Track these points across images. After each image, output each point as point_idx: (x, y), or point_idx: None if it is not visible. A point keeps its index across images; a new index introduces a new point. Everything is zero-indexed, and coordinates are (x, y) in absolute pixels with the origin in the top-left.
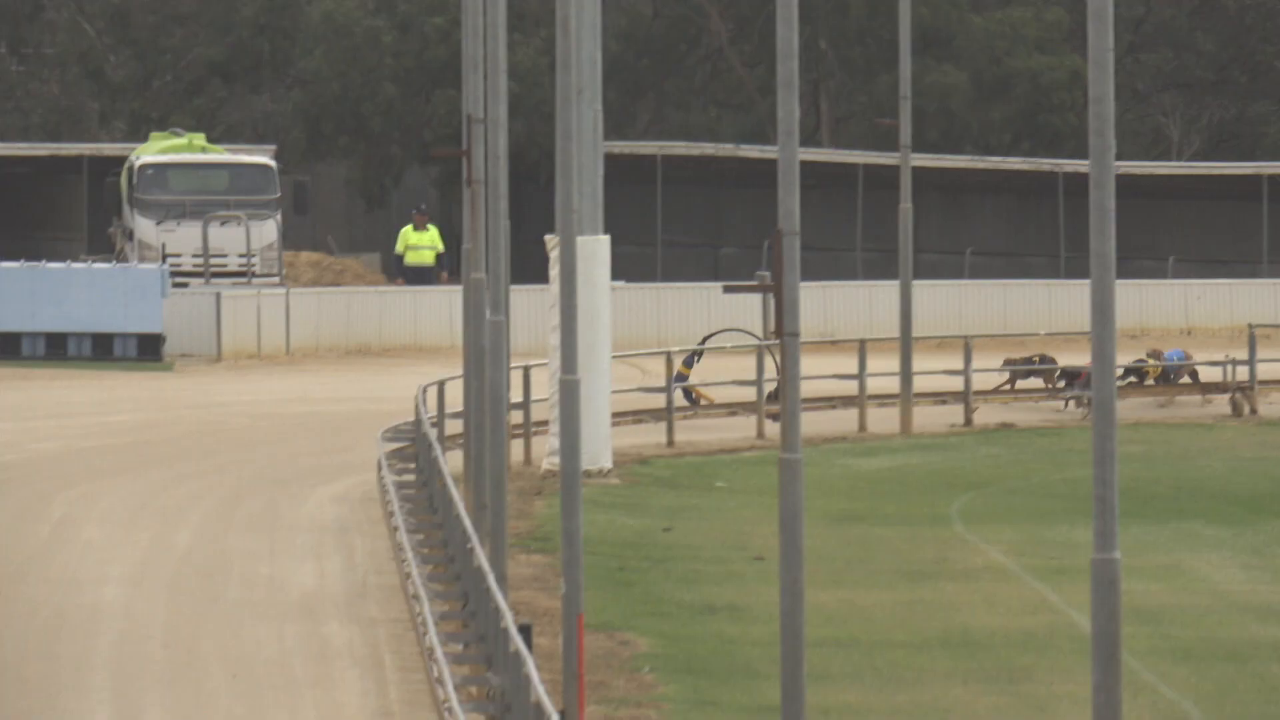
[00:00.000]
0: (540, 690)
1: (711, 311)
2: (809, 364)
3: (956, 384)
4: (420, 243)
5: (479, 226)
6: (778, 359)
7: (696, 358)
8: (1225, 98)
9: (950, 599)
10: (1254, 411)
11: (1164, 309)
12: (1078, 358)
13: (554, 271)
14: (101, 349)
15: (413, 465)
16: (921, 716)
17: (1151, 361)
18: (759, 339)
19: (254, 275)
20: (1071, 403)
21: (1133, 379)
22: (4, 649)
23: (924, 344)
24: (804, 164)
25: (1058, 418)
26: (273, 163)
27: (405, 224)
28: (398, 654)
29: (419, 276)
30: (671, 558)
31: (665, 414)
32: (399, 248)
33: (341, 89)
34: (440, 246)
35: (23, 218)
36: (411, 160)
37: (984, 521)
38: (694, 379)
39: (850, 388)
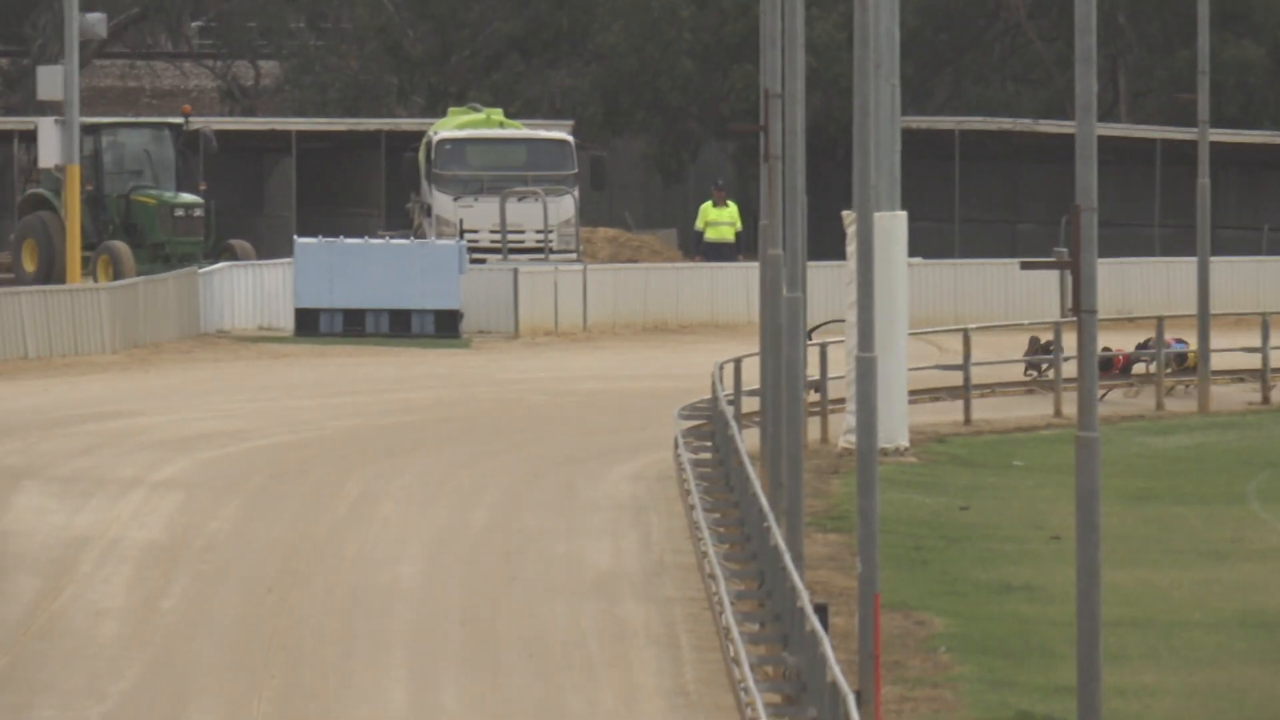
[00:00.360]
0: (836, 670)
1: (1009, 288)
2: (1107, 340)
3: (1254, 361)
4: (720, 219)
5: (776, 202)
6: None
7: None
8: None
9: (1248, 578)
10: None
11: None
12: None
13: (851, 248)
14: (399, 325)
15: (709, 443)
16: (1218, 697)
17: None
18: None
19: (551, 251)
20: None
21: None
22: (302, 628)
23: (1221, 320)
24: (1101, 139)
25: None
26: (570, 138)
27: (702, 200)
28: (694, 633)
29: (718, 253)
30: (968, 537)
31: (962, 392)
32: (699, 223)
33: (639, 64)
34: (739, 224)
35: (321, 193)
36: (709, 135)
37: None
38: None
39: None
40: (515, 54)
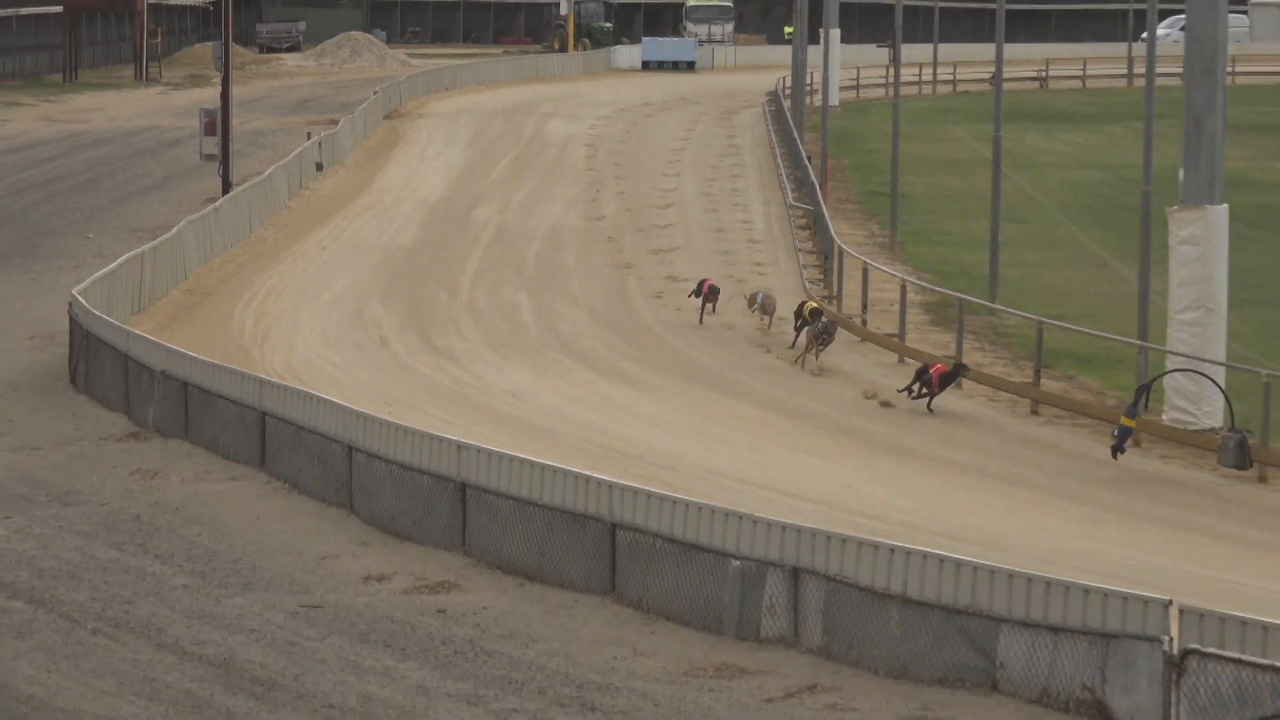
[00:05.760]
0: (805, 156)
1: None
2: None
3: None
4: None
5: None
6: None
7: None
8: None
9: None
10: None
11: None
12: None
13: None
14: (681, 66)
15: (774, 105)
16: None
17: None
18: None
19: (728, 39)
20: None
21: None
22: None
23: None
24: None
25: None
26: (731, 4)
27: None
28: (762, 160)
29: None
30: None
31: None
32: None
33: None
34: None
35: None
36: None
37: None
38: None
39: None
40: None
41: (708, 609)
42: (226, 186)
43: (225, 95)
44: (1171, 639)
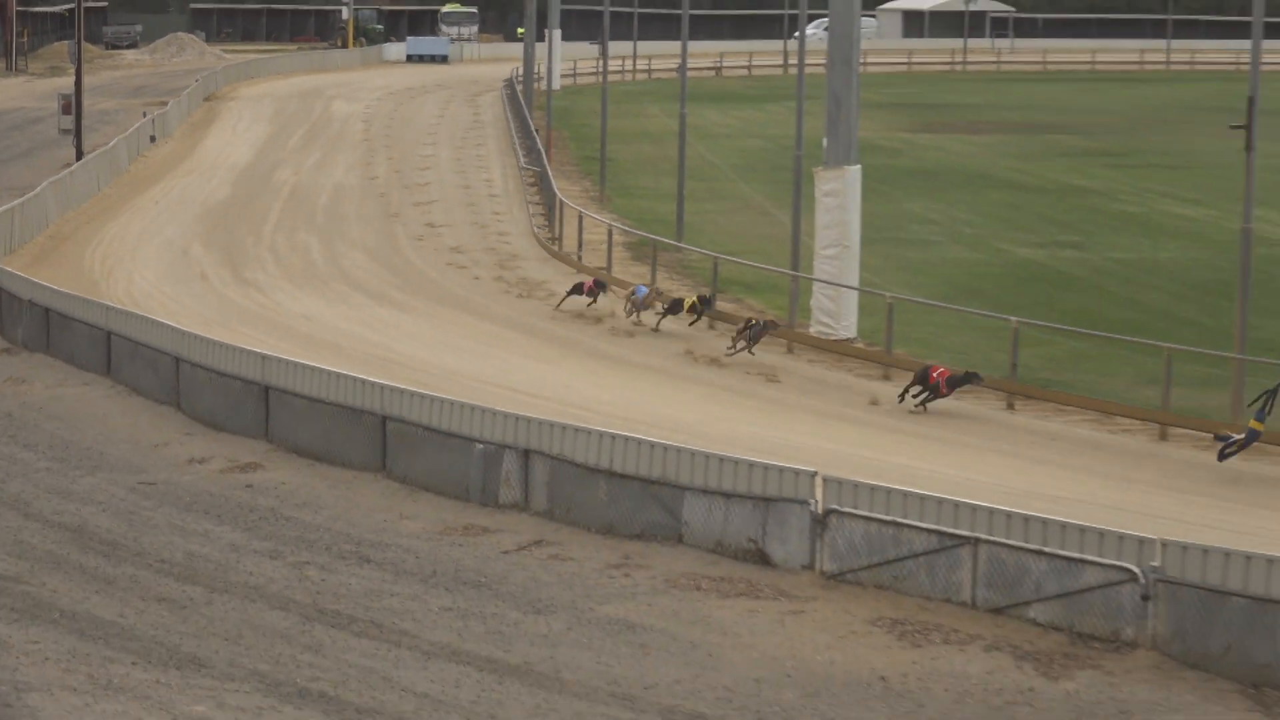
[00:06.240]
0: (532, 123)
1: None
2: None
3: None
4: None
5: None
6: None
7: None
8: None
9: None
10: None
11: None
12: None
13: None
14: (435, 59)
15: (510, 90)
16: None
17: None
18: None
19: (475, 38)
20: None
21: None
22: None
23: None
24: None
25: None
26: (476, 10)
27: None
28: (500, 131)
29: None
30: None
31: None
32: None
33: None
34: None
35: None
36: None
37: None
38: None
39: None
40: None
41: (458, 482)
42: (79, 155)
43: (78, 83)
44: (816, 502)
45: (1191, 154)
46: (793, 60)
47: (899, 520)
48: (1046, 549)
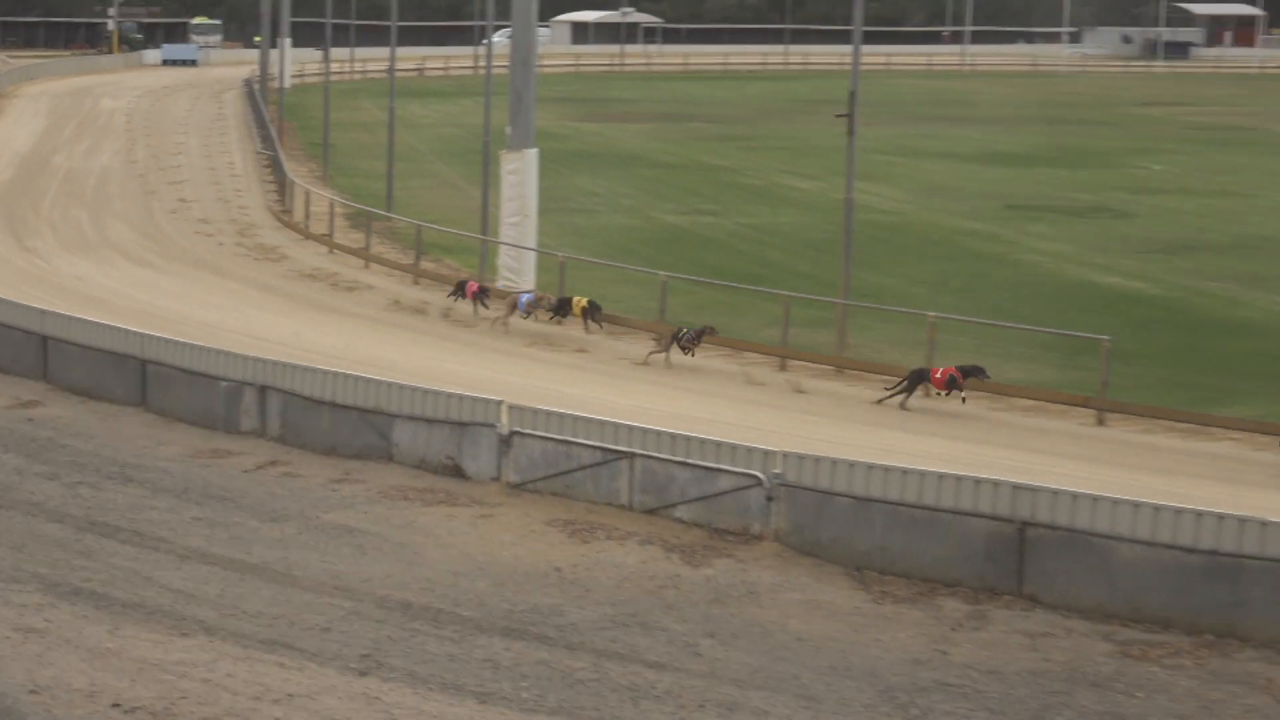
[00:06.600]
0: (267, 116)
1: None
2: None
3: None
4: None
5: None
6: None
7: None
8: None
9: None
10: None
11: None
12: None
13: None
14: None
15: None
16: None
17: None
18: None
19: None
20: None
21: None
22: None
23: None
24: None
25: None
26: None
27: None
28: (240, 123)
29: None
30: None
31: None
32: None
33: None
34: None
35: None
36: None
37: None
38: None
39: None
40: None
41: (206, 414)
42: None
43: None
44: (503, 425)
45: (804, 138)
46: (482, 63)
47: (570, 439)
48: (689, 460)
